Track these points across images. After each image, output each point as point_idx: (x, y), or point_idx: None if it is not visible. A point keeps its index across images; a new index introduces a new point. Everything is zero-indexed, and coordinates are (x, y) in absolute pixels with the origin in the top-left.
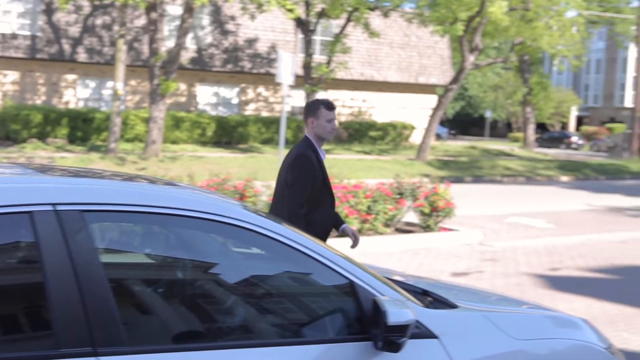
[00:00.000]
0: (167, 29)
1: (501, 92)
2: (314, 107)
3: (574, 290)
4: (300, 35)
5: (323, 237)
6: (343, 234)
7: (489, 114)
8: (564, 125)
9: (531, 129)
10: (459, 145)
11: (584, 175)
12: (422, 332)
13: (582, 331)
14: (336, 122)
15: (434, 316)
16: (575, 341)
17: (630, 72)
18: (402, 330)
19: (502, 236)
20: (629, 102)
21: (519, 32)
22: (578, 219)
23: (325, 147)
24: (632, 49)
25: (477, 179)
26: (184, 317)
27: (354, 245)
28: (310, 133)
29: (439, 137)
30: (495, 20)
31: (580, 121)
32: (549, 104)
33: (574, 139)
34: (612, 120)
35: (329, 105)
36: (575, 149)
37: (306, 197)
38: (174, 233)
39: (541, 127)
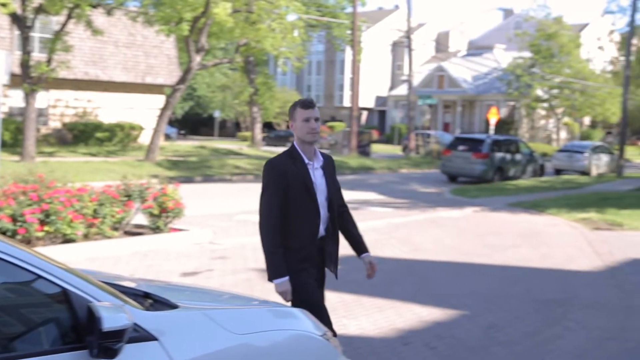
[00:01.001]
0: None
1: (229, 92)
2: (291, 109)
3: None
4: (17, 32)
5: (308, 250)
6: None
7: (217, 114)
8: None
9: (258, 128)
10: (188, 145)
11: None
12: (141, 335)
13: (299, 321)
14: (316, 123)
15: (153, 318)
16: (293, 331)
17: (348, 74)
18: (118, 335)
19: (231, 234)
20: (347, 102)
21: (243, 33)
22: None
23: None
24: (348, 52)
25: (208, 178)
26: None
27: (369, 275)
28: (295, 137)
29: (168, 137)
30: (220, 21)
31: None
32: (274, 103)
33: None
34: (333, 119)
35: (305, 103)
36: None
37: (277, 207)
38: None
39: (268, 126)
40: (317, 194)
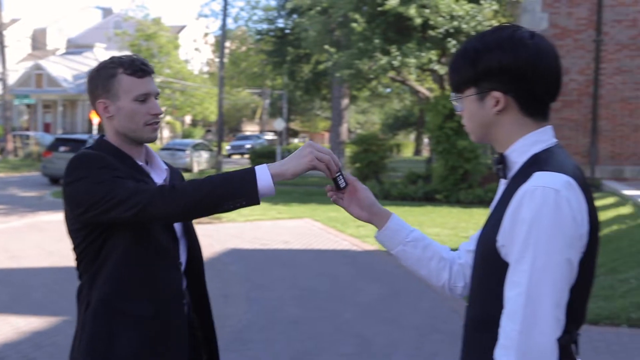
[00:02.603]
0: None
1: None
2: (102, 77)
3: None
4: None
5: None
6: None
7: None
8: None
9: None
10: None
11: None
12: None
13: None
14: (157, 102)
15: None
16: None
17: None
18: None
19: None
20: None
21: None
22: None
23: None
24: None
25: None
26: None
27: None
28: (109, 132)
29: None
30: None
31: None
32: None
33: None
34: None
35: (136, 66)
36: None
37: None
38: None
39: None
40: None
